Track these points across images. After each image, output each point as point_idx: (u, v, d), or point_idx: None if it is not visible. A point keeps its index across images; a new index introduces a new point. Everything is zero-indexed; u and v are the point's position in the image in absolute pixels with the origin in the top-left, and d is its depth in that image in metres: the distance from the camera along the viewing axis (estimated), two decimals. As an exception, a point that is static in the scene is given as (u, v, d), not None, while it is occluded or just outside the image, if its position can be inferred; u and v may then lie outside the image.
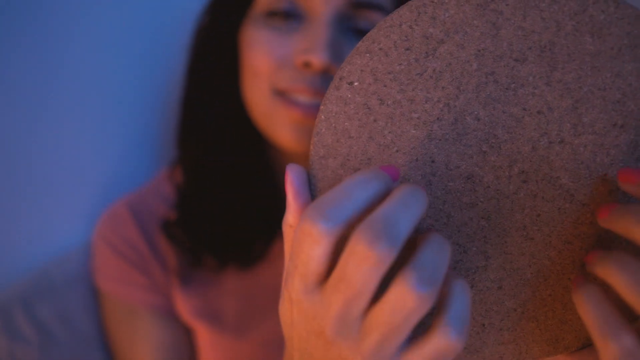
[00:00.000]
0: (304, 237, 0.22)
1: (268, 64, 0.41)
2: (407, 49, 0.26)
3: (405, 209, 0.21)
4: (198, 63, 0.49)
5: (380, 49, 0.26)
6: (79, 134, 0.54)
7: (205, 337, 0.50)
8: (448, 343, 0.22)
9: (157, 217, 0.51)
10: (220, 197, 0.48)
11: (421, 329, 0.27)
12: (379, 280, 0.21)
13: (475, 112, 0.26)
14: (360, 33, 0.41)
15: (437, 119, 0.26)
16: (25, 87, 0.49)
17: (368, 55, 0.26)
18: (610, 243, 0.27)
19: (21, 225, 0.51)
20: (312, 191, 0.27)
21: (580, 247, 0.26)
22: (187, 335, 0.52)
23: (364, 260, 0.20)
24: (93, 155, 0.56)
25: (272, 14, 0.41)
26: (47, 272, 0.51)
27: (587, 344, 0.28)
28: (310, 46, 0.38)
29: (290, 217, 0.26)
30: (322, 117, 0.27)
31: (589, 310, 0.24)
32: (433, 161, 0.26)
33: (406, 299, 0.20)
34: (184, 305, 0.50)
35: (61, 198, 0.54)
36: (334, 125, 0.27)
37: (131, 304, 0.50)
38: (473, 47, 0.25)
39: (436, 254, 0.22)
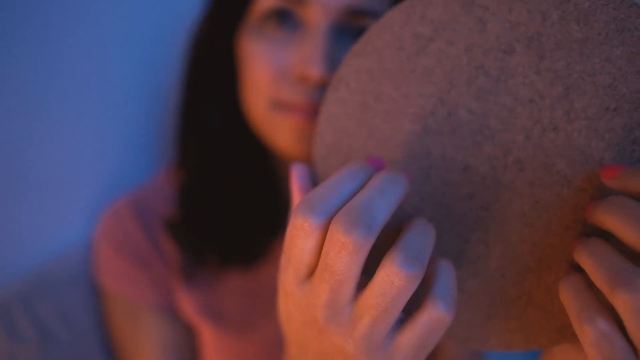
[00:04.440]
0: (295, 231, 0.23)
1: (266, 76, 0.41)
2: (399, 48, 0.27)
3: (381, 195, 0.22)
4: (195, 70, 0.49)
5: (374, 49, 0.27)
6: (79, 133, 0.54)
7: (208, 335, 0.50)
8: (438, 315, 0.23)
9: (159, 215, 0.52)
10: (223, 196, 0.49)
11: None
12: (359, 265, 0.22)
13: (468, 105, 0.26)
14: (356, 37, 0.41)
15: (431, 113, 0.27)
16: (25, 87, 0.48)
17: (363, 56, 0.27)
18: None
19: (21, 225, 0.50)
20: None
21: (582, 233, 0.27)
22: (189, 333, 0.52)
23: (342, 248, 0.21)
24: (93, 155, 0.56)
25: (269, 17, 0.41)
26: (47, 272, 0.51)
27: None
28: (307, 58, 0.38)
29: None
30: (323, 118, 0.28)
31: (568, 297, 0.24)
32: (430, 154, 0.27)
33: (393, 279, 0.21)
34: (187, 303, 0.50)
35: (61, 198, 0.53)
36: (334, 125, 0.28)
37: (134, 301, 0.50)
38: (462, 43, 0.26)
39: (421, 236, 0.23)
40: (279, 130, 0.43)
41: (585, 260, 0.23)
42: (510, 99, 0.26)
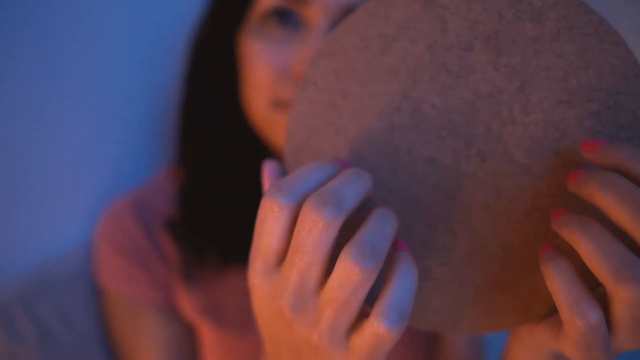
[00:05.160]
0: (264, 214, 0.24)
1: (267, 76, 0.42)
2: (365, 48, 0.28)
3: (350, 184, 0.24)
4: (196, 70, 0.49)
5: (341, 50, 0.28)
6: (79, 133, 0.54)
7: (208, 335, 0.50)
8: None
9: (159, 215, 0.52)
10: (223, 196, 0.49)
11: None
12: (328, 246, 0.23)
13: (432, 101, 0.28)
14: None
15: (397, 109, 0.28)
16: (25, 87, 0.48)
17: (329, 56, 0.28)
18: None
19: (21, 225, 0.50)
20: None
21: (541, 219, 0.28)
22: (190, 333, 0.53)
23: (314, 225, 0.22)
24: (93, 155, 0.56)
25: (270, 16, 0.41)
26: (47, 272, 0.51)
27: (557, 310, 0.29)
28: (308, 58, 0.39)
29: None
30: (292, 117, 0.29)
31: (557, 285, 0.24)
32: (397, 149, 0.28)
33: (349, 274, 0.22)
34: (187, 303, 0.50)
35: (61, 198, 0.53)
36: (303, 123, 0.29)
37: (134, 301, 0.50)
38: (424, 41, 0.27)
39: (378, 228, 0.24)
40: (279, 130, 0.43)
41: (583, 244, 0.23)
42: (471, 94, 0.27)
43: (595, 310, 0.23)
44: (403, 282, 0.24)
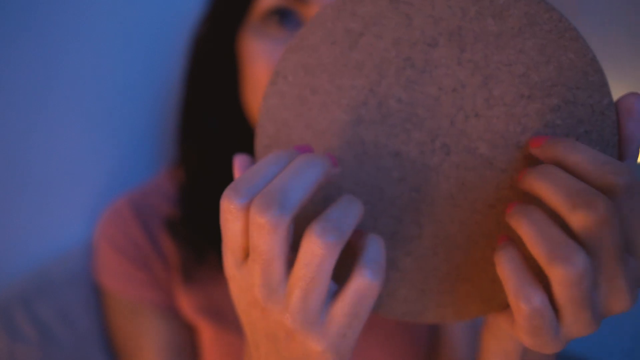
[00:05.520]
0: (224, 214, 0.24)
1: (267, 75, 0.42)
2: (333, 43, 0.29)
3: (297, 176, 0.24)
4: (196, 70, 0.50)
5: (310, 45, 0.29)
6: (79, 133, 0.54)
7: (208, 334, 0.50)
8: (365, 283, 0.24)
9: (159, 214, 0.52)
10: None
11: None
12: (282, 243, 0.23)
13: (397, 95, 0.28)
14: None
15: (364, 103, 0.29)
16: (25, 87, 0.48)
17: (299, 51, 0.29)
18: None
19: (21, 224, 0.50)
20: None
21: (503, 210, 0.29)
22: (190, 332, 0.53)
23: (261, 228, 0.23)
24: (93, 154, 0.56)
25: (270, 16, 0.41)
26: (47, 272, 0.50)
27: None
28: None
29: None
30: (263, 110, 0.30)
31: (504, 271, 0.25)
32: (363, 142, 0.29)
33: (313, 249, 0.23)
34: (187, 303, 0.50)
35: (61, 197, 0.53)
36: (273, 117, 0.30)
37: (134, 301, 0.50)
38: (390, 37, 0.28)
39: (342, 208, 0.25)
40: None
41: (524, 228, 0.24)
42: (435, 88, 0.28)
43: (538, 293, 0.23)
44: (374, 244, 0.26)
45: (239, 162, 0.29)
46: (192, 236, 0.49)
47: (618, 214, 0.23)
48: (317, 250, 0.23)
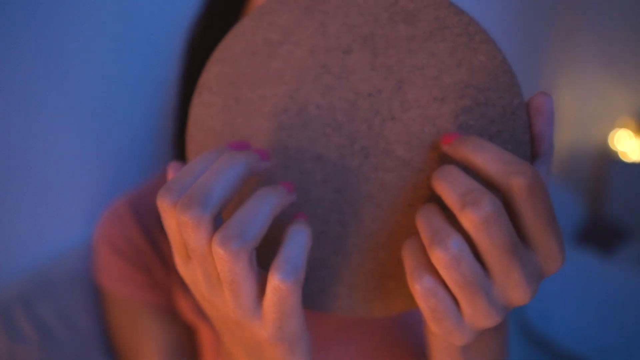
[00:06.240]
0: (161, 213, 0.26)
1: None
2: (253, 54, 0.30)
3: (218, 175, 0.25)
4: (192, 70, 0.50)
5: (231, 56, 0.30)
6: (79, 133, 0.55)
7: (207, 336, 0.51)
8: (277, 284, 0.24)
9: (159, 216, 0.52)
10: None
11: None
12: (208, 241, 0.24)
13: (316, 101, 0.29)
14: None
15: (284, 110, 0.30)
16: (25, 87, 0.49)
17: (221, 62, 0.30)
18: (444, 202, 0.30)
19: (21, 224, 0.50)
20: None
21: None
22: (189, 333, 0.53)
23: (185, 226, 0.24)
24: (93, 155, 0.56)
25: None
26: (47, 272, 0.51)
27: None
28: None
29: None
30: (191, 120, 0.31)
31: (405, 259, 0.27)
32: (287, 148, 0.30)
33: (220, 257, 0.24)
34: (186, 304, 0.50)
35: (61, 198, 0.54)
36: (201, 126, 0.31)
37: (133, 302, 0.51)
38: (307, 45, 0.29)
39: (252, 208, 0.25)
40: None
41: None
42: (352, 93, 0.29)
43: (429, 273, 0.25)
44: (294, 238, 0.26)
45: (172, 169, 0.31)
46: None
47: (505, 212, 0.24)
48: (224, 258, 0.24)
